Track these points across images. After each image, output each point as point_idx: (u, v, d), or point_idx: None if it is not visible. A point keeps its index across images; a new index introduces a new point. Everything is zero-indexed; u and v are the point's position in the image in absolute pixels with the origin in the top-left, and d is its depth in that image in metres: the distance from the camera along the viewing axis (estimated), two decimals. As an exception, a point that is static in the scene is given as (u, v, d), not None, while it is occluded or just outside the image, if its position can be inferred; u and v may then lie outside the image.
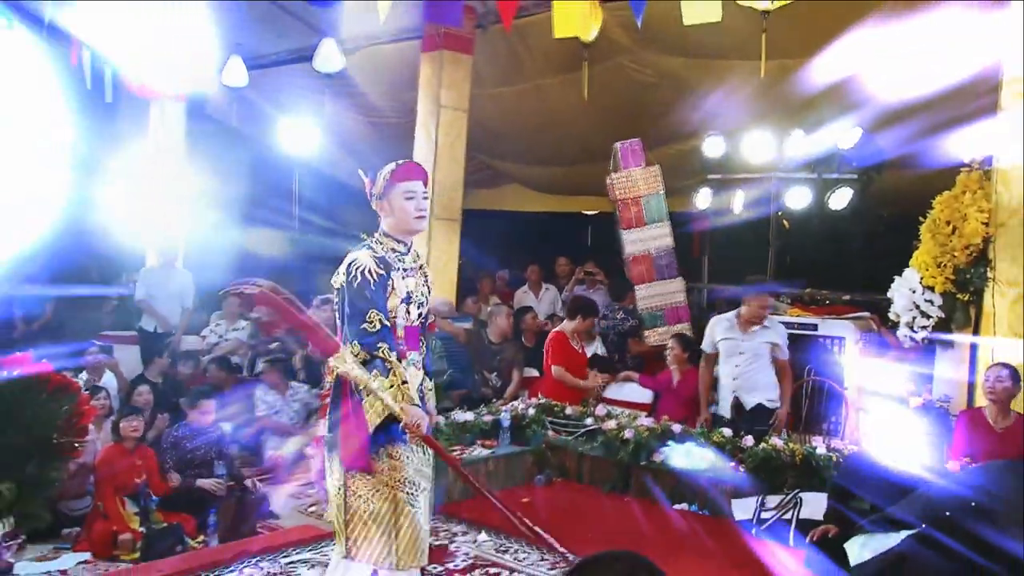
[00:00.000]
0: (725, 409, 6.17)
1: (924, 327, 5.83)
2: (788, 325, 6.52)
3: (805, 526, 4.41)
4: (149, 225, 9.33)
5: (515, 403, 6.58)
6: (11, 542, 4.59)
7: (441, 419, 5.48)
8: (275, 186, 11.77)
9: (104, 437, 6.00)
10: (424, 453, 3.51)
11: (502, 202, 12.36)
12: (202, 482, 5.92)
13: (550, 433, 6.22)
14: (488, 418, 6.21)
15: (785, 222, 8.25)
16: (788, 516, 4.62)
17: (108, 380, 7.25)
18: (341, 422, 3.37)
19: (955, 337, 5.76)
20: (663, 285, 8.08)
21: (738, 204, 8.06)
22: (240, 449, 7.20)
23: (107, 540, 5.29)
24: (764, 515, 4.75)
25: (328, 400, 3.46)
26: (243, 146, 11.11)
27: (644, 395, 7.15)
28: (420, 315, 3.56)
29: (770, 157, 7.55)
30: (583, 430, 6.06)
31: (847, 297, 7.85)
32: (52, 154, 7.44)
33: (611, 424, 5.91)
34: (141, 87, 9.44)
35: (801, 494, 4.74)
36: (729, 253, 10.39)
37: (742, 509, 4.92)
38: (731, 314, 6.26)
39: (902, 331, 5.97)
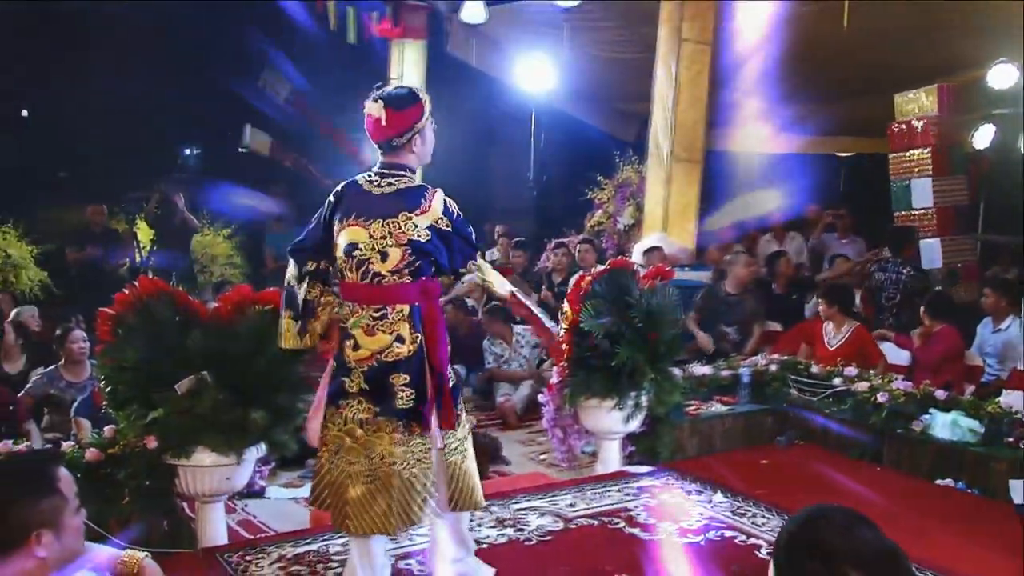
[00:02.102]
0: None
1: None
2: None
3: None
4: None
5: (756, 359, 6.37)
6: (263, 467, 5.02)
7: (678, 371, 5.39)
8: (512, 126, 11.94)
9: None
10: None
11: (747, 142, 11.87)
12: None
13: (793, 392, 5.97)
14: (726, 373, 6.04)
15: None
16: (1083, 504, 4.16)
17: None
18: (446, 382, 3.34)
19: None
20: (959, 242, 7.56)
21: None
22: (472, 393, 7.47)
23: (347, 472, 5.61)
24: (1053, 502, 4.30)
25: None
26: (482, 85, 11.32)
27: (900, 356, 6.69)
28: None
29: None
30: (830, 391, 5.76)
31: None
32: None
33: (863, 386, 5.58)
34: (383, 27, 9.83)
35: (1100, 480, 4.24)
36: (1012, 200, 9.44)
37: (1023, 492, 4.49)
38: None
39: None
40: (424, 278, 3.26)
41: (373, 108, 3.24)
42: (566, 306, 5.13)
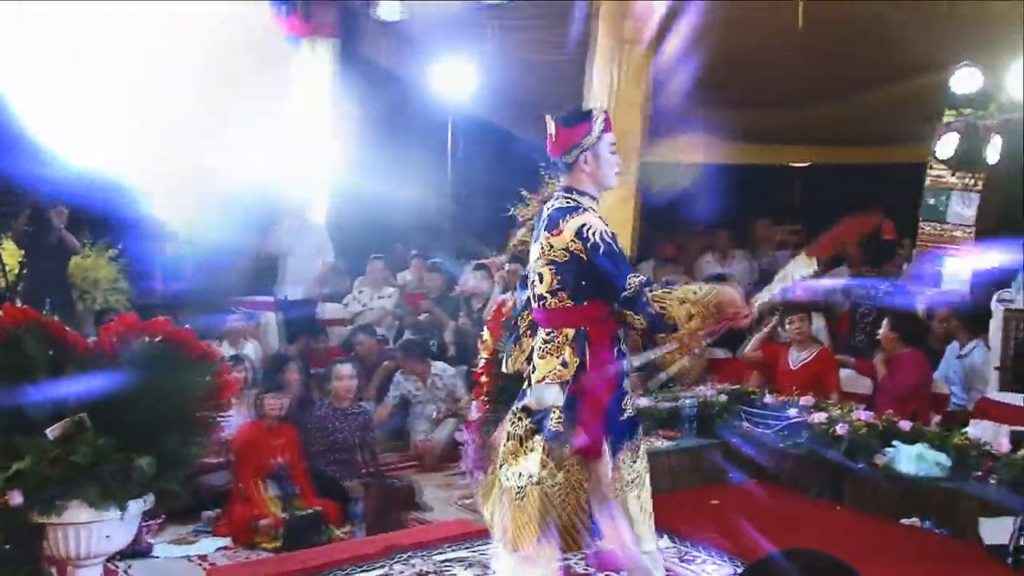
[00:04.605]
0: None
1: None
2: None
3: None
4: (291, 175, 9.61)
5: (701, 388, 6.40)
6: (151, 521, 4.86)
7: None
8: (427, 134, 11.89)
9: (245, 412, 6.24)
10: None
11: (689, 152, 12.01)
12: (349, 485, 6.04)
13: (744, 425, 6.02)
14: (668, 404, 6.06)
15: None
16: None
17: (250, 349, 7.54)
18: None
19: None
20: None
21: (995, 152, 7.46)
22: (386, 433, 7.36)
23: (247, 525, 5.49)
24: (1025, 542, 4.39)
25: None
26: (396, 89, 11.26)
27: (862, 384, 6.82)
28: None
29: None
30: (785, 423, 5.82)
31: None
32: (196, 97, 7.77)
33: (820, 417, 5.65)
34: (291, 23, 9.74)
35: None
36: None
37: (995, 531, 4.55)
38: None
39: None
40: (589, 302, 3.46)
41: (549, 125, 3.59)
42: (486, 334, 5.10)
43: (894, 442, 5.28)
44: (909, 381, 6.44)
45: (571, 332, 3.48)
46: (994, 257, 6.64)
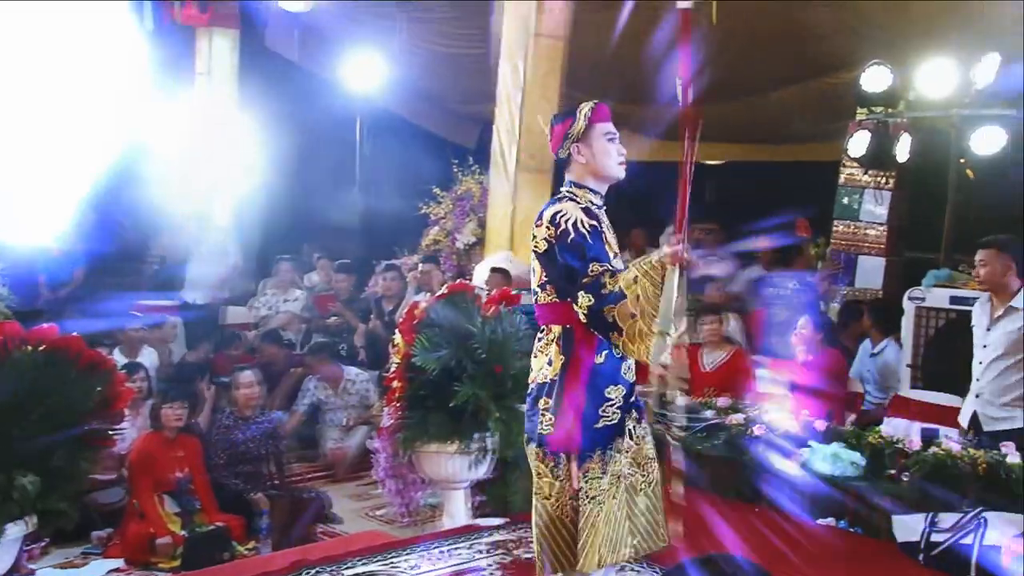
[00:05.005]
0: (963, 419, 5.41)
1: None
2: (963, 300, 6.17)
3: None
4: (191, 176, 9.41)
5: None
6: (33, 545, 4.68)
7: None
8: (335, 129, 11.77)
9: (141, 423, 6.08)
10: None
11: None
12: (254, 497, 5.93)
13: (659, 427, 6.05)
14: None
15: (969, 171, 7.83)
16: (968, 540, 4.37)
17: (147, 356, 7.35)
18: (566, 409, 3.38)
19: None
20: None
21: (904, 150, 7.67)
22: (295, 441, 7.26)
23: (143, 544, 5.38)
24: (936, 538, 4.50)
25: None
26: (303, 84, 11.13)
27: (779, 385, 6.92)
28: None
29: (951, 90, 7.16)
30: (701, 425, 5.87)
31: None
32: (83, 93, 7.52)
33: (736, 418, 5.71)
34: (187, 13, 9.52)
35: (985, 513, 4.46)
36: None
37: (906, 529, 4.67)
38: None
39: None
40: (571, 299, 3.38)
41: (545, 128, 3.59)
42: (398, 337, 5.07)
43: (810, 442, 5.36)
44: (826, 380, 6.55)
45: (558, 329, 3.43)
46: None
